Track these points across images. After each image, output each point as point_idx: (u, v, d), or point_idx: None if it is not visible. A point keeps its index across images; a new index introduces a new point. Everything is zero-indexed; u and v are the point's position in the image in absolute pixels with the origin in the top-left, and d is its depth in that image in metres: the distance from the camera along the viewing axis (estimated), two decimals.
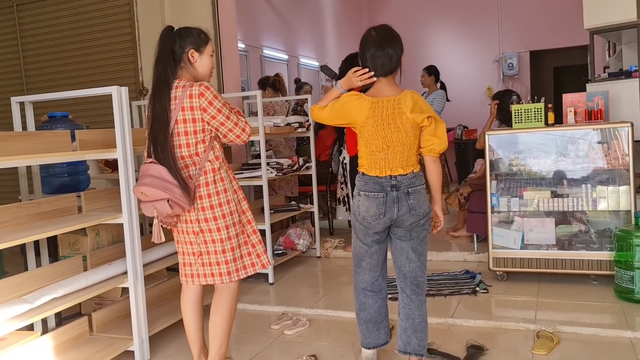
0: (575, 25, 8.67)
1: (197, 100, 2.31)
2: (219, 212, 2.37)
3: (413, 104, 2.34)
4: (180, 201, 2.28)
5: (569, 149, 3.62)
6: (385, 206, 2.35)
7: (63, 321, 3.10)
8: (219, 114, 2.34)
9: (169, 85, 2.34)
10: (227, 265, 2.42)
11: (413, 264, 2.44)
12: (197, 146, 2.35)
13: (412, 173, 2.36)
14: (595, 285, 3.57)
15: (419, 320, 2.46)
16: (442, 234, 5.13)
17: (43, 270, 2.67)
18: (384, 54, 2.37)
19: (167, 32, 2.42)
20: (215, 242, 2.40)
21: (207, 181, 2.36)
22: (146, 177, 2.28)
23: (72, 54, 5.88)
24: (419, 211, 2.37)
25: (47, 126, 3.27)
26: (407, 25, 10.04)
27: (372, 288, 2.54)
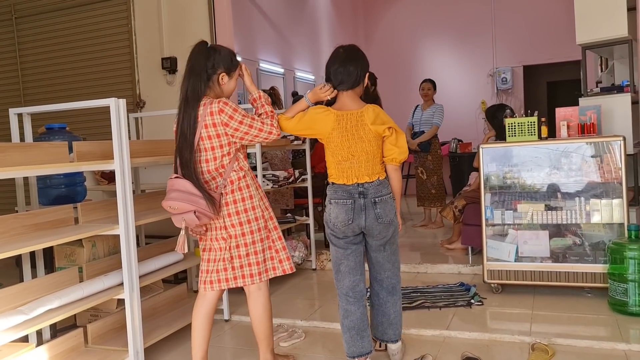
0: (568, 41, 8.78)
1: (218, 117, 2.41)
2: (245, 217, 2.49)
3: (375, 117, 2.53)
4: (206, 211, 2.39)
5: (562, 163, 3.65)
6: (354, 213, 2.51)
7: (58, 333, 3.09)
8: (241, 125, 2.44)
9: (199, 102, 2.43)
10: (258, 267, 2.54)
11: (388, 272, 2.68)
12: (223, 159, 2.47)
13: (378, 180, 2.54)
14: (589, 297, 3.59)
15: (394, 316, 2.71)
16: (437, 247, 5.16)
17: (39, 282, 2.66)
18: (345, 70, 2.55)
19: (202, 48, 2.49)
20: (240, 246, 2.51)
21: (233, 189, 2.48)
22: (173, 191, 2.41)
23: (70, 66, 5.92)
24: (386, 219, 2.53)
25: (45, 137, 3.28)
26: (402, 40, 10.16)
27: (353, 294, 2.63)
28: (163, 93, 5.45)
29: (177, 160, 2.46)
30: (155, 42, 5.49)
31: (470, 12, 9.62)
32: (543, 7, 9.07)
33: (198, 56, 2.46)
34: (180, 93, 2.50)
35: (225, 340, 3.32)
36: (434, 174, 6.06)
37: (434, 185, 6.07)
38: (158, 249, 3.45)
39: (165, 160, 3.44)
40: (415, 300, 3.65)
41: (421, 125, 5.99)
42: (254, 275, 2.55)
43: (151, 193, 3.53)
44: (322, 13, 9.43)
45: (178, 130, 2.46)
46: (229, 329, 3.50)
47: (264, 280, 2.58)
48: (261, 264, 2.55)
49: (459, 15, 9.70)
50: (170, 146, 3.55)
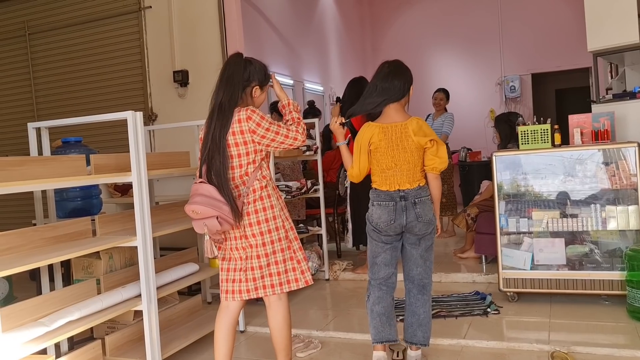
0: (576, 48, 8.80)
1: (245, 124, 2.44)
2: (265, 227, 2.48)
3: (418, 129, 2.71)
4: (229, 218, 2.39)
5: (576, 170, 3.64)
6: (395, 213, 2.70)
7: (75, 345, 3.10)
8: (268, 132, 2.47)
9: (233, 111, 2.46)
10: (279, 277, 2.53)
11: (420, 268, 2.78)
12: (248, 167, 2.49)
13: (419, 186, 2.73)
14: (607, 305, 3.56)
15: (424, 316, 2.78)
16: (449, 256, 5.14)
17: (57, 294, 2.68)
18: (391, 85, 2.74)
19: (239, 59, 2.54)
20: (260, 256, 2.50)
21: (255, 198, 2.48)
22: (197, 196, 2.42)
23: (82, 80, 5.99)
24: (425, 218, 2.71)
25: (61, 151, 3.31)
26: (409, 50, 10.19)
27: (386, 284, 2.82)
28: (175, 106, 5.50)
29: (205, 166, 2.47)
30: (166, 56, 5.54)
31: (477, 21, 9.65)
32: (550, 15, 9.10)
33: (236, 66, 2.50)
34: (212, 100, 2.51)
35: (241, 352, 3.31)
36: (444, 183, 6.04)
37: (444, 194, 6.05)
38: (173, 261, 3.46)
39: (179, 172, 3.46)
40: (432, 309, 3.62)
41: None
42: (275, 286, 2.52)
43: (166, 205, 3.55)
44: (329, 25, 9.50)
45: (207, 136, 2.47)
46: (244, 340, 3.49)
47: (285, 291, 2.56)
48: (282, 274, 2.53)
49: (466, 25, 9.73)
50: (184, 158, 3.59)
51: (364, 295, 4.20)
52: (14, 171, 2.40)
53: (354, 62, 10.02)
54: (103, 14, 5.83)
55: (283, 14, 8.04)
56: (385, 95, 2.73)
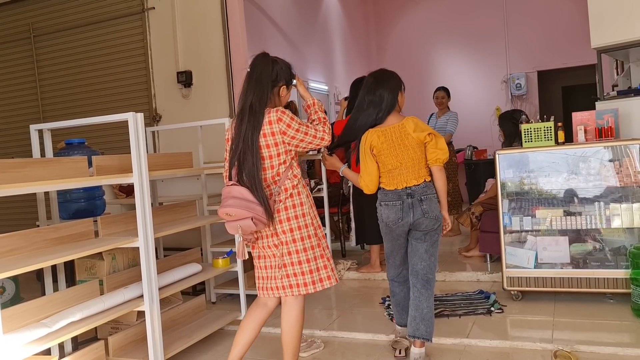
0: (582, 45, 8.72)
1: (276, 126, 2.46)
2: (296, 224, 2.51)
3: (415, 126, 2.85)
4: (263, 218, 2.43)
5: (580, 167, 3.62)
6: (402, 212, 2.83)
7: (79, 346, 3.12)
8: (298, 133, 2.49)
9: (264, 112, 2.47)
10: (311, 275, 2.54)
11: (424, 262, 2.87)
12: (279, 167, 2.51)
13: (425, 182, 2.85)
14: (611, 303, 3.53)
15: (427, 311, 2.85)
16: (454, 255, 5.13)
17: (60, 295, 2.70)
18: (378, 96, 2.90)
19: (266, 59, 2.56)
20: (292, 253, 2.52)
21: (287, 196, 2.51)
22: (229, 199, 2.43)
23: (87, 82, 6.03)
24: (431, 214, 2.82)
25: (64, 152, 3.33)
26: (415, 48, 10.17)
27: (398, 279, 3.07)
28: (179, 106, 5.52)
29: (235, 167, 2.49)
30: (170, 57, 5.56)
31: (482, 19, 9.60)
32: (556, 12, 9.03)
33: (264, 67, 2.53)
34: (240, 101, 2.53)
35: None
36: (449, 182, 6.01)
37: (449, 192, 6.00)
38: (176, 261, 3.47)
39: (182, 173, 3.48)
40: (435, 308, 3.61)
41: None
42: (308, 285, 2.53)
43: (169, 205, 3.56)
44: (334, 24, 9.49)
45: (238, 137, 2.48)
46: None
47: (317, 290, 2.55)
48: (314, 272, 2.54)
49: (471, 22, 9.68)
50: (187, 159, 3.60)
51: (369, 295, 4.23)
52: (16, 173, 2.42)
53: (359, 61, 10.01)
54: (107, 16, 5.87)
55: (287, 13, 8.04)
56: (377, 107, 2.88)
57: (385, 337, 3.28)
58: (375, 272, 4.68)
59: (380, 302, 3.97)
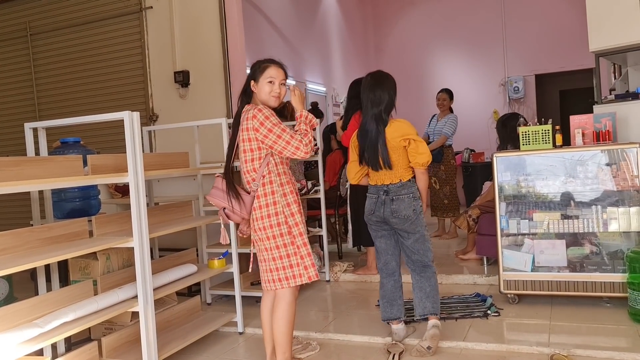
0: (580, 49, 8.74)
1: (250, 122, 2.62)
2: (267, 222, 2.65)
3: (394, 130, 3.04)
4: (236, 210, 2.65)
5: (577, 171, 3.61)
6: (376, 206, 3.11)
7: (72, 346, 3.09)
8: (270, 133, 2.60)
9: (239, 115, 2.72)
10: (284, 271, 2.66)
11: (417, 254, 3.10)
12: (254, 162, 2.66)
13: (400, 182, 3.06)
14: (608, 307, 3.52)
15: (430, 289, 3.08)
16: (451, 257, 5.11)
17: (54, 295, 2.67)
18: (376, 95, 3.08)
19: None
20: (266, 250, 2.68)
21: (259, 194, 2.66)
22: (213, 188, 2.72)
23: (84, 81, 6.00)
24: (400, 214, 3.03)
25: (59, 151, 3.30)
26: (413, 51, 10.18)
27: (385, 269, 3.22)
28: (176, 106, 5.50)
29: (227, 160, 2.78)
30: (167, 56, 5.54)
31: (480, 22, 9.62)
32: (554, 16, 9.05)
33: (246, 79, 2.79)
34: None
35: (238, 353, 3.30)
36: (447, 184, 6.02)
37: (446, 195, 6.03)
38: (172, 262, 3.45)
39: (179, 173, 3.46)
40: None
41: (434, 135, 5.97)
42: (281, 280, 2.67)
43: (165, 205, 3.54)
44: (332, 25, 9.48)
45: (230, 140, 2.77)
46: (242, 341, 3.48)
47: (290, 286, 2.67)
48: (287, 269, 2.66)
49: (470, 26, 9.70)
50: (183, 159, 3.58)
51: (365, 297, 4.21)
52: (9, 171, 2.39)
53: (357, 63, 10.00)
54: (104, 15, 5.84)
55: (285, 14, 8.03)
56: (380, 106, 3.05)
57: (382, 340, 3.27)
58: (372, 274, 4.66)
59: (377, 305, 3.95)
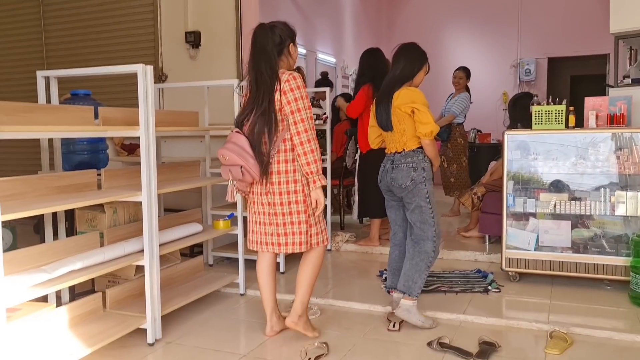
0: (596, 34, 8.65)
1: (283, 84, 2.59)
2: (285, 188, 2.65)
3: (401, 97, 2.99)
4: (252, 171, 2.59)
5: (588, 153, 3.58)
6: (381, 174, 3.15)
7: (76, 297, 3.12)
8: (294, 102, 2.59)
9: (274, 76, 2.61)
10: (300, 236, 2.69)
11: (414, 228, 3.06)
12: (277, 125, 2.61)
13: (404, 152, 3.03)
14: (609, 290, 3.54)
15: (408, 268, 3.02)
16: (453, 234, 5.12)
17: (61, 244, 2.68)
18: (399, 65, 3.09)
19: (264, 29, 2.67)
20: (278, 215, 2.68)
21: (279, 159, 2.64)
22: (229, 142, 2.63)
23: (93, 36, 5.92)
24: (397, 183, 3.02)
25: (70, 103, 3.27)
26: (425, 27, 10.04)
27: (393, 239, 3.25)
28: (185, 67, 5.44)
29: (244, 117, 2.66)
30: (179, 16, 5.46)
31: (496, 1, 9.46)
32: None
33: (265, 36, 2.64)
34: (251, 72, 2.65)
35: (239, 313, 3.33)
36: (454, 163, 6.00)
37: (453, 173, 6.02)
38: (177, 220, 3.45)
39: (189, 131, 3.44)
40: (432, 284, 3.63)
41: (445, 114, 5.92)
42: (295, 244, 2.70)
43: (172, 164, 3.53)
44: None
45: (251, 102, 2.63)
46: (243, 302, 3.51)
47: (307, 249, 2.74)
48: (304, 234, 2.69)
49: (485, 4, 9.55)
50: (193, 118, 3.56)
51: (366, 267, 4.23)
52: (21, 117, 2.38)
53: (368, 36, 9.88)
54: None
55: None
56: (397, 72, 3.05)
57: (382, 309, 3.29)
58: (374, 245, 4.68)
59: (378, 275, 3.98)
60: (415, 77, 3.09)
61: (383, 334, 2.95)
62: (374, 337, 2.90)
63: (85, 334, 2.57)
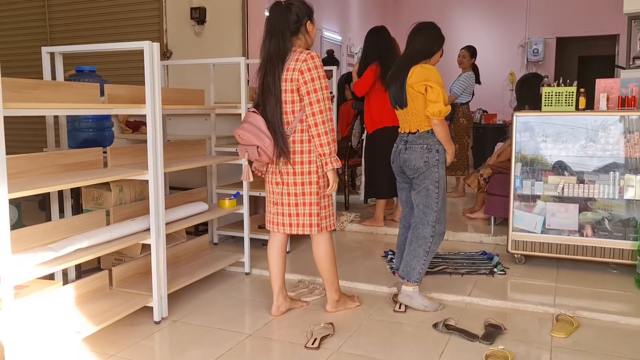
0: (604, 14, 8.52)
1: (300, 63, 2.56)
2: (299, 169, 2.65)
3: (414, 75, 2.90)
4: (268, 151, 2.59)
5: (599, 136, 3.54)
6: (394, 155, 3.08)
7: (82, 274, 3.12)
8: (311, 82, 2.55)
9: (284, 57, 2.58)
10: (310, 218, 2.70)
11: (415, 210, 3.01)
12: (294, 105, 2.61)
13: (418, 132, 2.95)
14: (615, 274, 3.54)
15: (406, 253, 3.01)
16: (458, 215, 5.11)
17: (67, 222, 2.67)
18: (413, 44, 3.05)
19: (279, 7, 2.63)
20: (290, 195, 2.69)
21: (295, 139, 2.62)
22: (245, 122, 2.63)
23: (98, 11, 5.83)
24: (410, 164, 2.95)
25: (75, 79, 3.23)
26: (433, 5, 9.89)
27: (403, 221, 3.24)
28: (191, 44, 5.37)
29: (260, 99, 2.64)
30: None
31: None
32: None
33: (279, 15, 2.60)
34: (262, 52, 2.64)
35: (244, 292, 3.33)
36: (455, 142, 5.92)
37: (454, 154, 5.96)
38: (183, 199, 3.44)
39: (195, 110, 3.40)
40: (437, 265, 3.62)
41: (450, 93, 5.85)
42: (305, 226, 2.71)
43: (178, 142, 3.51)
44: None
45: (262, 85, 2.62)
46: (249, 281, 3.51)
47: (322, 231, 2.75)
48: (314, 216, 2.69)
49: None
50: (199, 96, 3.52)
51: (371, 248, 4.23)
52: (27, 94, 2.36)
53: (375, 14, 9.74)
54: None
55: None
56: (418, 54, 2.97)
57: (387, 289, 3.29)
58: (379, 226, 4.67)
59: (383, 256, 3.98)
60: (433, 57, 3.04)
61: (389, 315, 2.96)
62: (379, 318, 2.91)
63: (92, 312, 2.58)
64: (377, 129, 4.45)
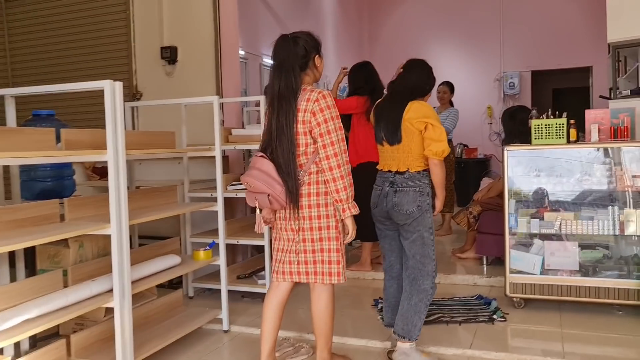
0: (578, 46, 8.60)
1: (312, 104, 2.39)
2: (316, 212, 2.44)
3: (413, 110, 2.73)
4: (280, 198, 2.38)
5: (593, 168, 3.38)
6: (379, 199, 2.81)
7: (38, 342, 2.77)
8: (324, 124, 2.38)
9: (296, 95, 2.41)
10: (329, 266, 2.47)
11: (410, 261, 2.74)
12: (307, 147, 2.43)
13: (408, 172, 2.72)
14: (620, 315, 3.31)
15: (406, 309, 2.72)
16: (447, 256, 4.87)
17: (18, 286, 2.34)
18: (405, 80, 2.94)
19: (285, 41, 2.48)
20: (307, 241, 2.46)
21: (310, 181, 2.44)
22: (253, 169, 2.42)
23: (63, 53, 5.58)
24: (402, 209, 2.69)
25: (31, 124, 2.95)
26: (407, 42, 9.89)
27: (389, 271, 2.95)
28: (161, 84, 5.13)
29: (269, 142, 2.45)
30: (154, 30, 5.16)
31: (478, 15, 9.37)
32: (553, 11, 8.85)
33: (286, 50, 2.45)
34: (268, 91, 2.49)
35: (224, 354, 3.01)
36: None
37: None
38: (153, 252, 3.14)
39: (164, 154, 3.14)
40: (432, 314, 3.35)
41: None
42: (324, 274, 2.49)
43: (147, 189, 3.22)
44: (327, 11, 9.15)
45: (271, 123, 2.44)
46: (228, 340, 3.19)
47: (333, 282, 2.52)
48: (333, 264, 2.47)
49: (467, 18, 9.45)
50: (169, 139, 3.27)
51: (359, 295, 3.94)
52: None
53: (350, 51, 9.69)
54: None
55: None
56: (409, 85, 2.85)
57: (380, 344, 3.01)
58: (366, 270, 4.40)
59: (373, 305, 3.69)
60: (426, 96, 2.94)
61: None
62: None
63: None
64: (362, 162, 4.22)
